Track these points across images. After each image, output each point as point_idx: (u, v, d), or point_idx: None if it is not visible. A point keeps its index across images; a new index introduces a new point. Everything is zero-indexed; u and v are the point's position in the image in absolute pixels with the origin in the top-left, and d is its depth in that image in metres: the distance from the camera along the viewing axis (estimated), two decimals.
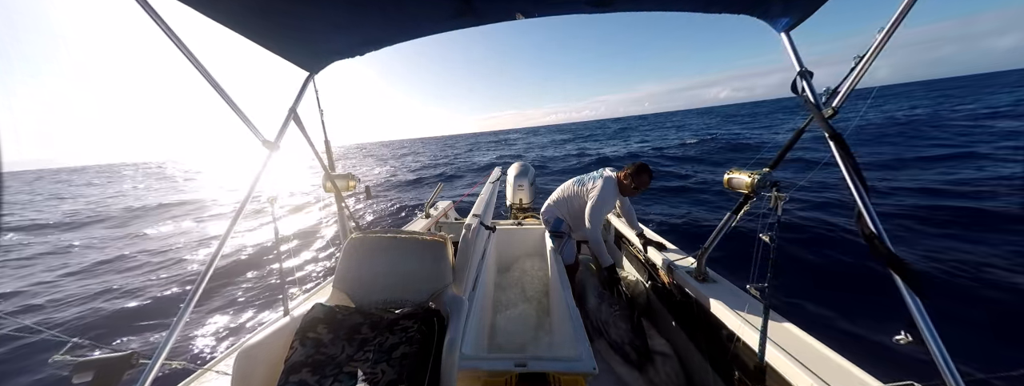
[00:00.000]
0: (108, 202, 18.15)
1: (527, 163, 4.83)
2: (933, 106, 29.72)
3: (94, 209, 15.44)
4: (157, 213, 13.42)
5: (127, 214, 13.44)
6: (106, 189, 27.87)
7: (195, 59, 1.21)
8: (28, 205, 19.48)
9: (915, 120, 20.23)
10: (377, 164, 32.05)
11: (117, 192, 24.32)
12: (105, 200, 19.39)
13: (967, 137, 12.65)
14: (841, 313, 3.56)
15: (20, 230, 11.43)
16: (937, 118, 20.24)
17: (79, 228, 11.49)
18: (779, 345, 1.45)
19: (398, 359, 1.25)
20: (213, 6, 1.20)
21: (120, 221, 12.22)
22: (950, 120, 18.67)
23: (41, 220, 13.13)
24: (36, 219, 13.41)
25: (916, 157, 10.03)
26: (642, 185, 2.53)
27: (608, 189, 2.55)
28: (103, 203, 17.84)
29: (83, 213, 14.35)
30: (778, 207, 1.36)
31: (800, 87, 1.28)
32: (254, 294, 5.04)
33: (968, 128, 14.99)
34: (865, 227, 1.02)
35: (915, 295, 0.93)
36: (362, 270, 1.67)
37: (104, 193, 24.12)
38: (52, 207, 17.69)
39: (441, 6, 1.40)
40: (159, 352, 1.12)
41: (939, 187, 6.85)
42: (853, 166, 1.06)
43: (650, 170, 2.54)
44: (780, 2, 1.30)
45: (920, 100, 41.30)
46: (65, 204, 18.80)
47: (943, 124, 17.22)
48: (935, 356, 0.89)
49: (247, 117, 1.40)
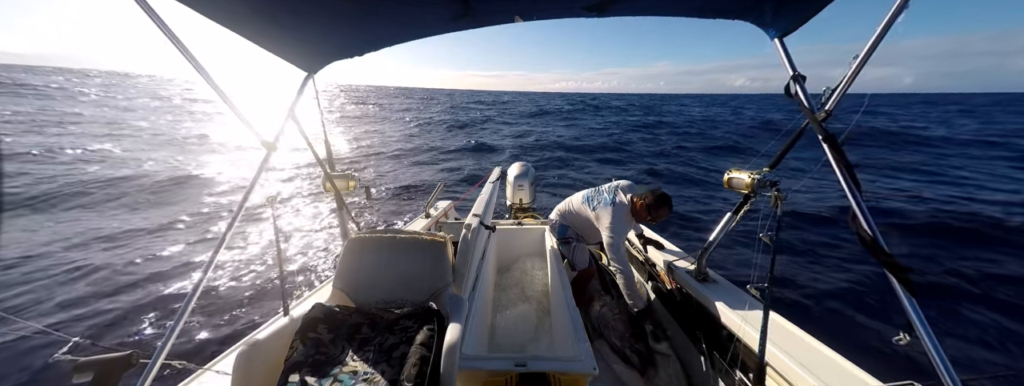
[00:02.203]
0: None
1: (527, 163, 4.84)
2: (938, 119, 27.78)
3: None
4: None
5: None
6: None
7: (193, 59, 1.21)
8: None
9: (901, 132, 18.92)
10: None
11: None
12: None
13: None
14: (841, 313, 3.56)
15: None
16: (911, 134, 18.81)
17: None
18: (779, 345, 1.45)
19: (398, 359, 1.26)
20: (212, 7, 1.20)
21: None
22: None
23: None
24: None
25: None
26: (660, 217, 2.33)
27: (619, 219, 2.36)
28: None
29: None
30: (778, 207, 1.37)
31: (793, 90, 1.31)
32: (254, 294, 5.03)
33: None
34: (860, 228, 1.03)
35: (910, 295, 0.94)
36: (362, 270, 1.67)
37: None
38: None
39: (440, 8, 1.40)
40: (159, 352, 1.12)
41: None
42: (847, 167, 1.07)
43: (670, 201, 2.32)
44: (772, 9, 1.33)
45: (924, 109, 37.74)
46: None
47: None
48: (931, 355, 0.89)
49: (245, 117, 1.40)
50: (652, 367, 2.08)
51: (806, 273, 4.33)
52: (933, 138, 17.68)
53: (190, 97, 38.89)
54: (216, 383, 1.45)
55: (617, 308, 2.38)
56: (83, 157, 10.31)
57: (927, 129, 21.32)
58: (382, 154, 14.01)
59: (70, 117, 17.92)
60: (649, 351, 2.14)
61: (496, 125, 26.30)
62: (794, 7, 1.28)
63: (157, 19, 1.10)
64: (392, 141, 17.29)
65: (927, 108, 45.70)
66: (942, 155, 13.59)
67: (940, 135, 18.61)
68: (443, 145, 16.24)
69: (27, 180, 7.86)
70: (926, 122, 26.59)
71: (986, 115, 34.71)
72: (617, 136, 19.61)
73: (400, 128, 22.82)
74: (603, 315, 2.41)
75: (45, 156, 9.92)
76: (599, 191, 2.61)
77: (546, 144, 16.80)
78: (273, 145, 1.54)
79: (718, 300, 1.82)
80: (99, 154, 10.85)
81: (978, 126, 23.67)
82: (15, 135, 12.46)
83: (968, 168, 11.02)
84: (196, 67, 1.22)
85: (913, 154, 13.66)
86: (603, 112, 41.01)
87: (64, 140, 12.16)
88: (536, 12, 1.51)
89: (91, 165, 9.50)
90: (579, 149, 15.57)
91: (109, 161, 10.08)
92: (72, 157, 10.19)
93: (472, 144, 16.51)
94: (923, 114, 35.32)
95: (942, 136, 18.29)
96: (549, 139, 18.22)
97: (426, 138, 18.56)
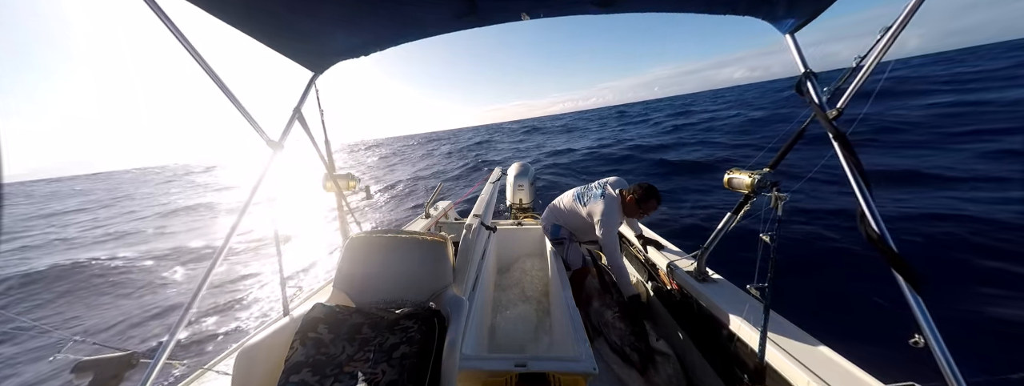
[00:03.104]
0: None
1: (527, 163, 4.84)
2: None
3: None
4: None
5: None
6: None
7: (202, 59, 1.21)
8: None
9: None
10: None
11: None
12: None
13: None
14: (842, 313, 3.56)
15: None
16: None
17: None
18: (779, 345, 1.45)
19: (398, 359, 1.26)
20: (220, 6, 1.20)
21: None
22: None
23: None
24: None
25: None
26: (650, 209, 2.40)
27: (611, 210, 2.40)
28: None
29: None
30: (778, 207, 1.37)
31: (805, 88, 1.27)
32: (254, 294, 5.04)
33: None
34: (868, 227, 1.02)
35: (917, 296, 0.93)
36: (362, 270, 1.67)
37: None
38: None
39: (446, 7, 1.40)
40: (160, 352, 1.12)
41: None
42: (857, 166, 1.05)
43: (659, 194, 2.40)
44: (784, 4, 1.30)
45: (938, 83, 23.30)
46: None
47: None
48: (938, 357, 0.89)
49: (252, 118, 1.40)
50: (652, 367, 2.08)
51: (806, 273, 4.32)
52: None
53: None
54: (216, 383, 1.45)
55: (617, 308, 2.39)
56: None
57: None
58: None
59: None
60: (649, 351, 2.14)
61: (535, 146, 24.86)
62: (805, 1, 1.25)
63: (166, 19, 1.10)
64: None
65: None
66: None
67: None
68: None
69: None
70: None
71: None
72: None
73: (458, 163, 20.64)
74: (603, 315, 2.41)
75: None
76: (589, 188, 2.64)
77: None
78: (279, 145, 1.54)
79: (718, 300, 1.82)
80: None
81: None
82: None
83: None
84: (204, 67, 1.22)
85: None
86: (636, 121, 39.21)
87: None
88: (543, 8, 1.49)
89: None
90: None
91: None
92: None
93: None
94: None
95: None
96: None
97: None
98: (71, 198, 34.37)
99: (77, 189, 55.32)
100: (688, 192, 8.44)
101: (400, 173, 20.22)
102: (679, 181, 9.49)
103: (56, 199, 34.99)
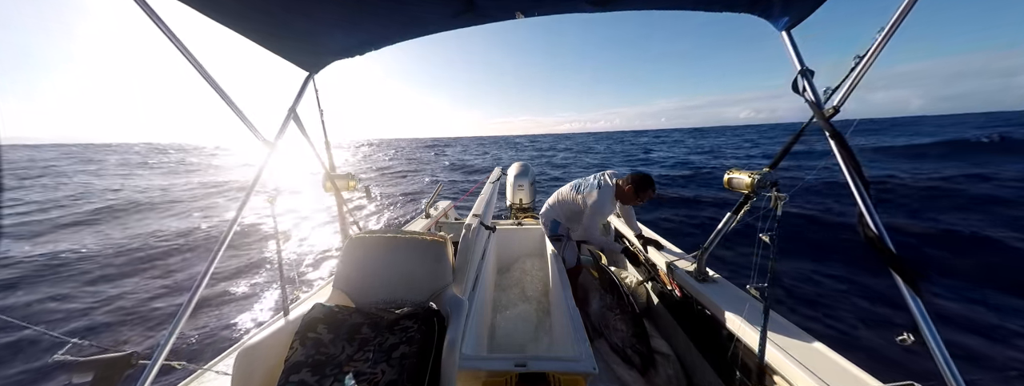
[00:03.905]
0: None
1: (527, 163, 4.84)
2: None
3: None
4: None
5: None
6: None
7: (194, 59, 1.20)
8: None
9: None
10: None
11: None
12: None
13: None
14: (842, 313, 3.56)
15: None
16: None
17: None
18: (779, 345, 1.45)
19: (398, 359, 1.25)
20: (212, 5, 1.19)
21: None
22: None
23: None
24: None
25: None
26: (645, 197, 2.50)
27: (605, 198, 2.50)
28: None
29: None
30: (778, 207, 1.36)
31: (801, 86, 1.27)
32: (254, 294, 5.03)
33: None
34: (866, 227, 1.02)
35: (916, 296, 0.93)
36: (362, 270, 1.67)
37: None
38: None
39: (442, 5, 1.39)
40: (159, 352, 1.12)
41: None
42: (854, 166, 1.05)
43: (653, 183, 2.48)
44: (780, 1, 1.29)
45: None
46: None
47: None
48: (936, 357, 0.89)
49: (246, 117, 1.40)
50: (652, 367, 2.08)
51: (807, 273, 4.33)
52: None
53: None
54: (216, 383, 1.45)
55: (618, 308, 2.38)
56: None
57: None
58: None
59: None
60: (650, 351, 2.14)
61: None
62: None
63: (157, 19, 1.10)
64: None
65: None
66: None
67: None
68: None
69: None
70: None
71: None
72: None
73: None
74: (604, 315, 2.41)
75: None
76: (586, 179, 2.72)
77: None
78: (274, 144, 1.54)
79: (718, 300, 1.82)
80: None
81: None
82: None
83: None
84: (197, 67, 1.21)
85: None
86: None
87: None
88: (538, 7, 1.49)
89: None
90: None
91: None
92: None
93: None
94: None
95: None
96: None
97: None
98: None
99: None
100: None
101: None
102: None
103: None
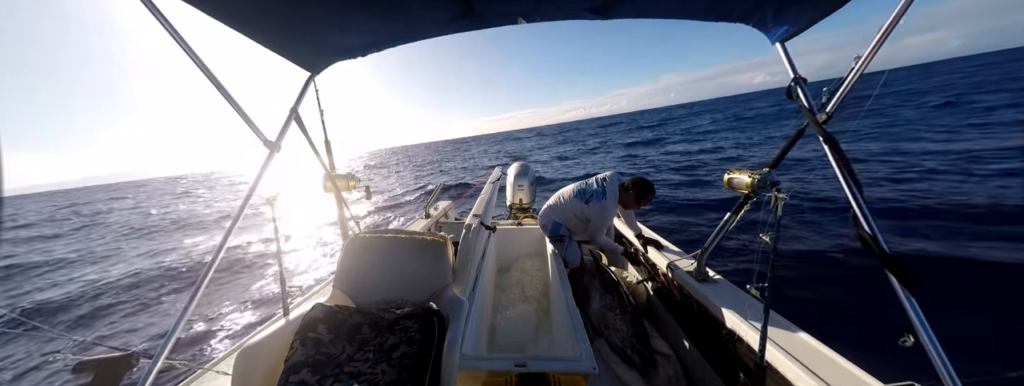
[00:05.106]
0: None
1: (527, 163, 4.84)
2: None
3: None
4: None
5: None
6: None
7: (198, 59, 1.21)
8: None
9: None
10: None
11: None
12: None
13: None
14: (841, 313, 3.56)
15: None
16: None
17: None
18: (779, 345, 1.45)
19: (398, 359, 1.26)
20: (216, 6, 1.20)
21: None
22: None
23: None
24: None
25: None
26: (644, 202, 2.55)
27: (610, 209, 2.55)
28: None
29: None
30: (778, 207, 1.37)
31: (795, 93, 1.33)
32: (254, 294, 5.03)
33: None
34: (860, 228, 1.03)
35: (911, 296, 0.94)
36: (362, 270, 1.67)
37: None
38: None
39: (443, 9, 1.40)
40: (160, 352, 1.12)
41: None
42: (847, 168, 1.07)
43: (653, 188, 2.55)
44: (773, 15, 1.35)
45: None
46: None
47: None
48: (932, 357, 0.89)
49: (249, 118, 1.40)
50: (652, 367, 2.08)
51: (807, 272, 4.33)
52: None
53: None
54: (216, 383, 1.45)
55: (618, 308, 2.38)
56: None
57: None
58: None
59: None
60: (650, 351, 2.14)
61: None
62: (793, 15, 1.31)
63: (163, 19, 1.10)
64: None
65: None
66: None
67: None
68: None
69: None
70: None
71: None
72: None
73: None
74: (604, 315, 2.41)
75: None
76: (589, 184, 2.71)
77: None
78: (276, 145, 1.54)
79: (718, 300, 1.82)
80: None
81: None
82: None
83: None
84: (201, 67, 1.22)
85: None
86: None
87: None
88: (539, 13, 1.51)
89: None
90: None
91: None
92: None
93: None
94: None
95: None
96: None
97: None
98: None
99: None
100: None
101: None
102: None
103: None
